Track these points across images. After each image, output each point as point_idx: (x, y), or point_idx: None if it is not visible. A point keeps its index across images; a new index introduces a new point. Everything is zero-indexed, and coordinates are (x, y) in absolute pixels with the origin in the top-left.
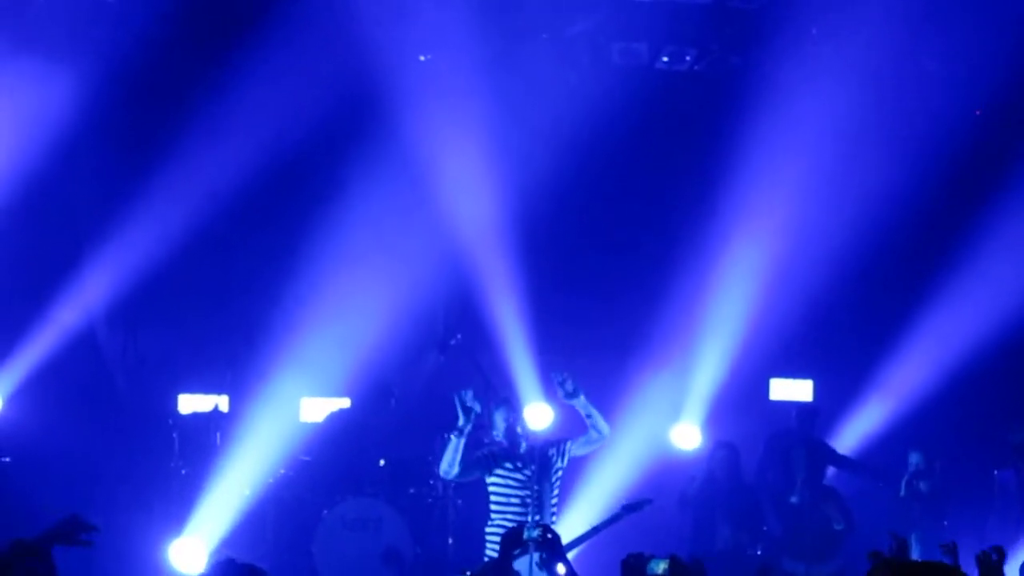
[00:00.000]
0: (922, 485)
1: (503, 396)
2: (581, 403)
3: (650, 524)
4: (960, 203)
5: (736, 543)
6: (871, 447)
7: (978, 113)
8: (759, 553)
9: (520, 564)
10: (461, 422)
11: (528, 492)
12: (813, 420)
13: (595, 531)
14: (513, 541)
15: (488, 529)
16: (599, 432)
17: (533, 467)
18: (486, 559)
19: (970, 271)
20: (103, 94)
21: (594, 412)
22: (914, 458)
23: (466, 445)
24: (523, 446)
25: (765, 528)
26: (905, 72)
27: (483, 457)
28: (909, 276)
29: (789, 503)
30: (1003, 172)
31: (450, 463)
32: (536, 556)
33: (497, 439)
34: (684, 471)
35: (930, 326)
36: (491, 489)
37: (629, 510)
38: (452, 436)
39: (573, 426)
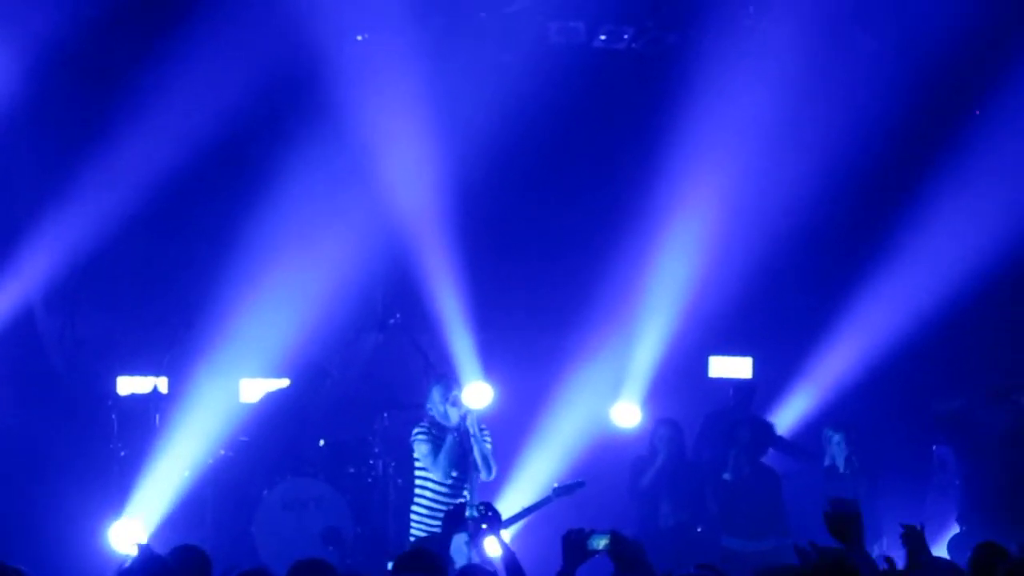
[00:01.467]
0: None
1: (441, 372)
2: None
3: (592, 502)
4: (898, 180)
5: (678, 521)
6: (810, 424)
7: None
8: (699, 531)
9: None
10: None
11: (461, 470)
12: (751, 397)
13: (527, 512)
14: (456, 519)
15: (416, 508)
16: (488, 472)
17: (476, 444)
18: (412, 539)
19: (908, 247)
20: (38, 74)
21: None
22: (835, 437)
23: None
24: (469, 420)
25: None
26: (841, 48)
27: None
28: (848, 253)
29: (723, 480)
30: (941, 147)
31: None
32: (465, 535)
33: (431, 414)
34: (624, 449)
35: (870, 302)
36: (421, 465)
37: (561, 492)
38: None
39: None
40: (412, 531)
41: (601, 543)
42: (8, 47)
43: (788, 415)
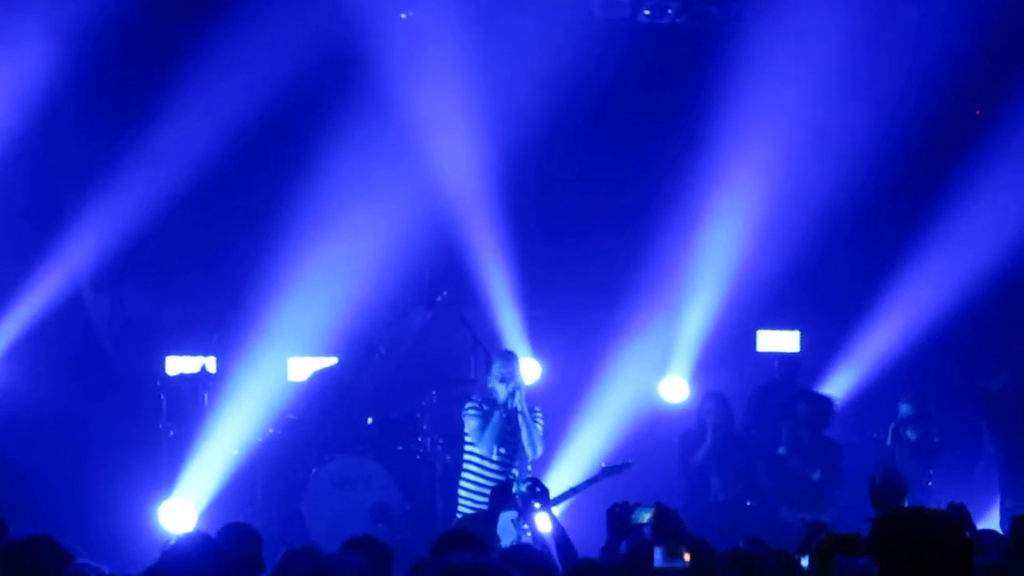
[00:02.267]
0: (909, 433)
1: (504, 349)
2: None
3: (640, 478)
4: (947, 153)
5: (728, 495)
6: (858, 397)
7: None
8: (749, 505)
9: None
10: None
11: (513, 446)
12: (795, 370)
13: (574, 491)
14: (502, 495)
15: (463, 483)
16: (533, 451)
17: (519, 422)
18: (459, 514)
19: (958, 219)
20: (83, 56)
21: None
22: (904, 408)
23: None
24: (515, 399)
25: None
26: (887, 19)
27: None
28: (897, 224)
29: (777, 455)
30: (992, 117)
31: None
32: (514, 513)
33: (491, 388)
34: (672, 424)
35: (917, 276)
36: (470, 440)
37: (608, 472)
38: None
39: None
40: (459, 507)
41: (646, 516)
42: (56, 28)
43: (835, 388)
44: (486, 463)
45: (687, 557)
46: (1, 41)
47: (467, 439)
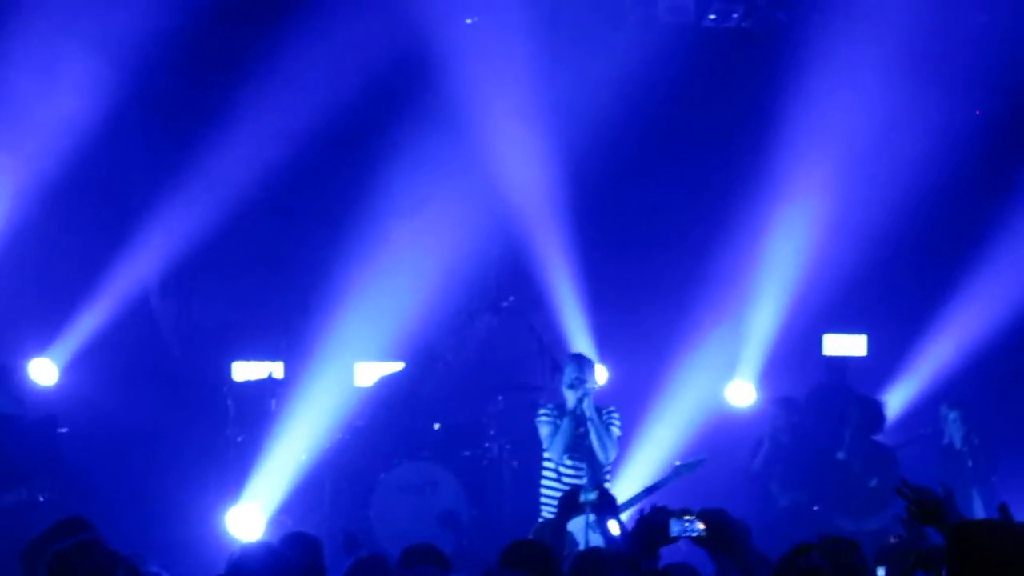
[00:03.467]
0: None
1: (575, 353)
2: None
3: (707, 483)
4: (1013, 153)
5: (792, 501)
6: (925, 402)
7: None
8: (816, 510)
9: (573, 525)
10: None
11: (584, 451)
12: (843, 373)
13: (648, 491)
14: (570, 503)
15: (544, 488)
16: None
17: (592, 427)
18: (541, 519)
19: None
20: (153, 63)
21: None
22: (951, 415)
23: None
24: (586, 403)
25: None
26: (954, 24)
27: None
28: (962, 229)
29: (836, 459)
30: None
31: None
32: (590, 517)
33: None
34: (739, 428)
35: (983, 279)
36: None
37: (683, 470)
38: (565, 423)
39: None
40: (541, 513)
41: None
42: (124, 37)
43: (902, 393)
44: (560, 469)
45: (701, 525)
46: (72, 50)
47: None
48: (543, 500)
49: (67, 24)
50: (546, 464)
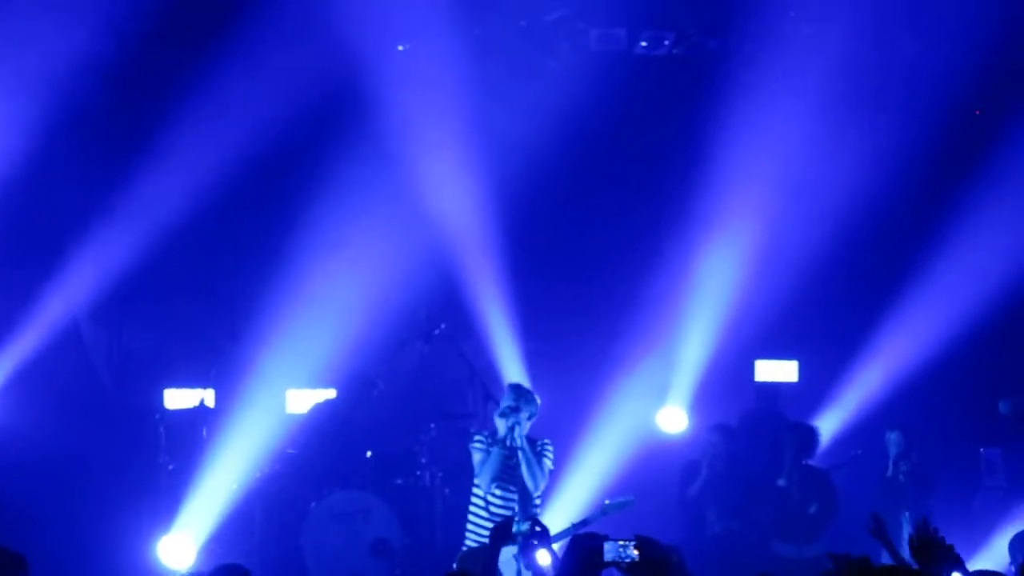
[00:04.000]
0: (905, 465)
1: (513, 383)
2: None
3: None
4: (943, 182)
5: (725, 528)
6: (857, 427)
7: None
8: (753, 536)
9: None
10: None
11: (515, 481)
12: (775, 399)
13: (575, 528)
14: (502, 533)
15: (472, 517)
16: (534, 483)
17: (523, 456)
18: (465, 547)
19: (955, 248)
20: (83, 88)
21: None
22: (892, 436)
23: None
24: (516, 432)
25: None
26: (884, 50)
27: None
28: (894, 254)
29: (775, 485)
30: (988, 147)
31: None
32: (515, 548)
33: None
34: (671, 455)
35: (915, 304)
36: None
37: (610, 509)
38: (494, 452)
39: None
40: (465, 540)
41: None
42: (53, 60)
43: (833, 418)
44: (488, 498)
45: (635, 552)
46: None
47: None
48: (469, 528)
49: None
50: (475, 492)
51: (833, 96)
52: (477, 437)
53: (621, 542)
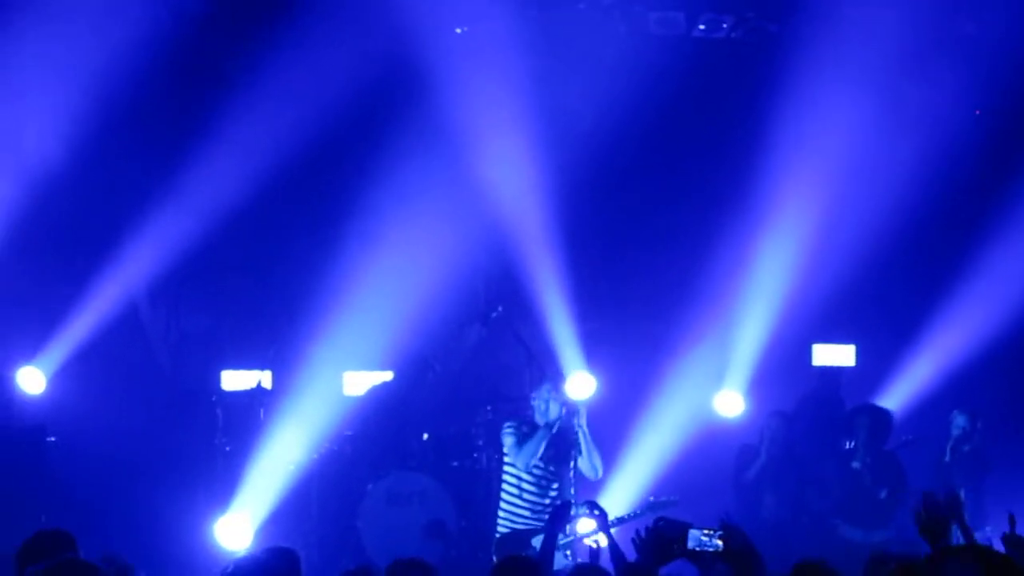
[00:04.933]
0: (965, 447)
1: (557, 370)
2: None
3: (694, 492)
4: (1005, 165)
5: (780, 513)
6: (915, 411)
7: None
8: (801, 522)
9: (538, 541)
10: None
11: (546, 467)
12: (838, 384)
13: (618, 522)
14: (561, 517)
15: (505, 502)
16: (594, 470)
17: (563, 448)
18: (498, 535)
19: (1014, 232)
20: (142, 72)
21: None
22: (959, 420)
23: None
24: (557, 426)
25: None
26: (944, 33)
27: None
28: (952, 238)
29: (850, 468)
30: None
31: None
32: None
33: (533, 405)
34: (727, 438)
35: (973, 289)
36: (509, 460)
37: (655, 507)
38: (541, 432)
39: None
40: (498, 526)
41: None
42: (113, 44)
43: (890, 403)
44: (523, 484)
45: (719, 541)
46: (55, 59)
47: (506, 458)
48: (503, 515)
49: (59, 33)
50: (507, 479)
51: (892, 79)
52: (508, 424)
53: (706, 531)
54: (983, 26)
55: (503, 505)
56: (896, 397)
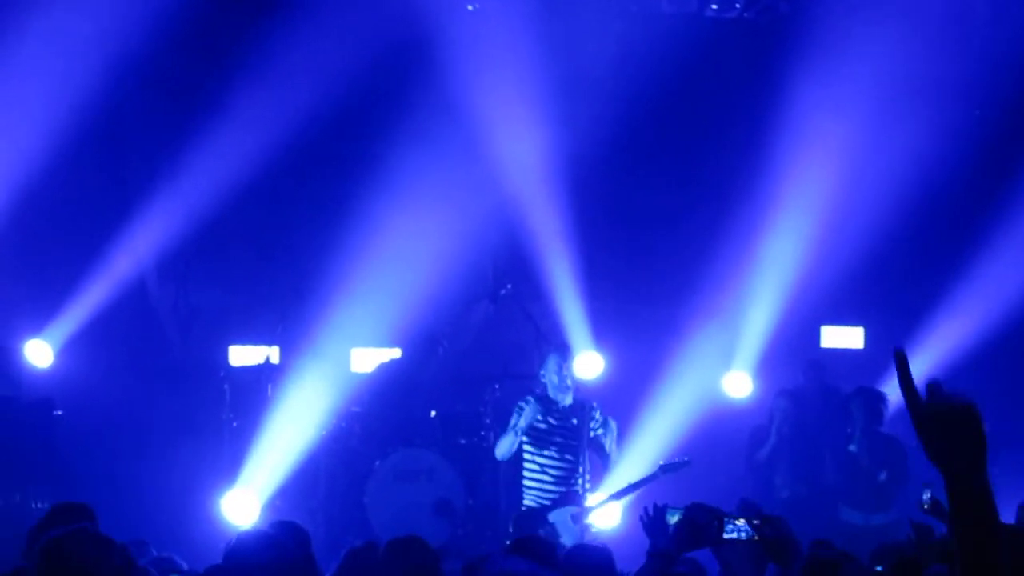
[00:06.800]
0: None
1: (560, 342)
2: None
3: (703, 473)
4: (1015, 150)
5: (792, 493)
6: (921, 394)
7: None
8: (822, 502)
9: (556, 517)
10: (521, 423)
11: (565, 441)
12: (821, 372)
13: (632, 488)
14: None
15: (527, 476)
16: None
17: (574, 420)
18: (524, 508)
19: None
20: (151, 46)
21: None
22: None
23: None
24: (568, 398)
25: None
26: (959, 16)
27: (522, 427)
28: (961, 221)
29: (847, 452)
30: None
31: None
32: (573, 510)
33: (544, 382)
34: (736, 420)
35: (981, 272)
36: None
37: (667, 470)
38: (511, 434)
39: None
40: (524, 501)
41: (674, 518)
42: (123, 16)
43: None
44: (538, 458)
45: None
46: (66, 32)
47: (524, 437)
48: (527, 490)
49: (70, 5)
50: (527, 456)
51: (903, 60)
52: (521, 402)
53: (742, 520)
54: (999, 10)
55: (526, 482)
56: None
